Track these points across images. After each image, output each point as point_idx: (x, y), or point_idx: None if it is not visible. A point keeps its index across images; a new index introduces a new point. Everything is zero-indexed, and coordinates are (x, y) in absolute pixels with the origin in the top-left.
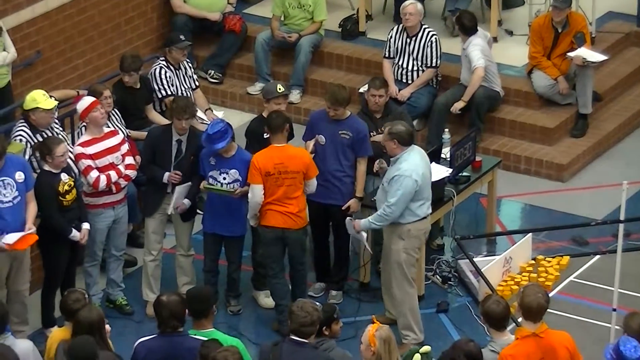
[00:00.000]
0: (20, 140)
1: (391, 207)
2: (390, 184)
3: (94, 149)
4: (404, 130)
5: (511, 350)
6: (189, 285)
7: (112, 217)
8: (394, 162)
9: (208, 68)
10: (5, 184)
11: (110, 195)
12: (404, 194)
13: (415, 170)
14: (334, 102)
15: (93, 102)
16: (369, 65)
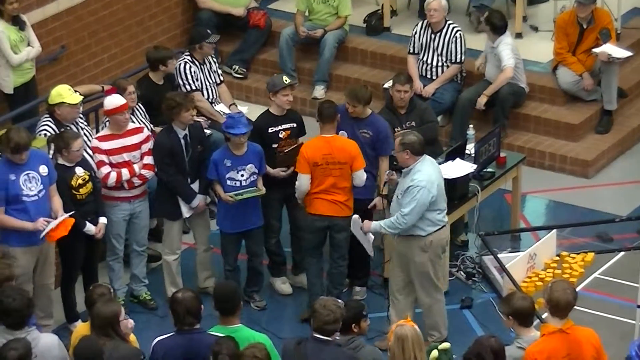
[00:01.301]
0: (45, 135)
1: (405, 217)
2: (404, 194)
3: (110, 145)
4: (416, 141)
5: (538, 346)
6: (211, 278)
7: (128, 210)
8: (407, 173)
9: (232, 63)
10: (30, 177)
11: (125, 190)
12: (418, 204)
13: (430, 180)
14: (353, 98)
15: (122, 106)
16: (394, 61)
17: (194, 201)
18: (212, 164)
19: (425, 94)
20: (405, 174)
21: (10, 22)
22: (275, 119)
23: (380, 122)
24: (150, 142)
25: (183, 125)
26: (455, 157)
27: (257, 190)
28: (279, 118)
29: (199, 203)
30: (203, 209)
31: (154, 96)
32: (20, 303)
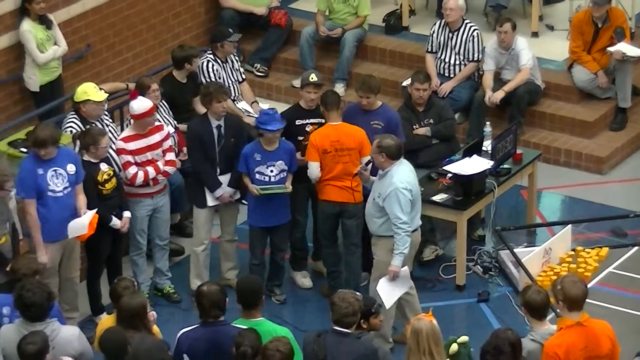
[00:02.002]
0: (71, 131)
1: (404, 222)
2: (387, 200)
3: (135, 145)
4: (393, 144)
5: (556, 340)
6: (234, 270)
7: (151, 205)
8: (384, 176)
9: (254, 62)
10: (57, 174)
11: (149, 187)
12: (405, 205)
13: (408, 181)
14: (365, 89)
15: (151, 109)
16: (412, 60)
17: (217, 191)
18: (242, 157)
19: (443, 92)
20: (382, 177)
21: (37, 21)
22: (303, 113)
23: (390, 112)
24: (170, 139)
25: (216, 115)
26: (472, 154)
27: (284, 188)
28: (307, 112)
29: (223, 194)
30: (227, 200)
31: (177, 94)
32: (40, 297)
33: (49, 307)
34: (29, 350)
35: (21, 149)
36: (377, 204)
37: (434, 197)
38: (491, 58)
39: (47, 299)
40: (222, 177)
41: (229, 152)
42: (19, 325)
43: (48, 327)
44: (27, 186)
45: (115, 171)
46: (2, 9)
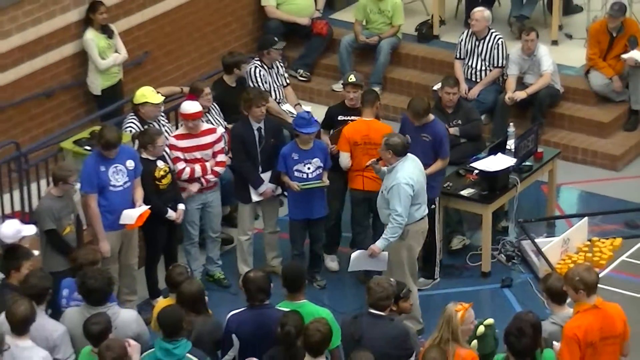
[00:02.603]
0: (130, 131)
1: (400, 215)
2: (390, 193)
3: (185, 143)
4: (399, 142)
5: (575, 322)
6: (277, 258)
7: (201, 200)
8: (390, 171)
9: (297, 67)
10: (118, 170)
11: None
12: (405, 199)
13: (410, 177)
14: (414, 114)
15: (194, 114)
16: (442, 66)
17: (261, 187)
18: (281, 157)
19: (470, 95)
20: (389, 172)
21: (99, 30)
22: (346, 110)
23: (438, 127)
24: (222, 141)
25: (256, 118)
26: (497, 152)
27: (321, 182)
28: (350, 110)
29: (266, 190)
30: (269, 195)
31: (227, 97)
32: (100, 283)
33: (109, 292)
34: (94, 330)
35: (85, 147)
36: (384, 198)
37: (462, 192)
38: (515, 64)
39: (107, 285)
40: (263, 174)
41: (269, 151)
42: (82, 309)
43: (109, 310)
44: (90, 182)
45: (171, 167)
46: (68, 20)
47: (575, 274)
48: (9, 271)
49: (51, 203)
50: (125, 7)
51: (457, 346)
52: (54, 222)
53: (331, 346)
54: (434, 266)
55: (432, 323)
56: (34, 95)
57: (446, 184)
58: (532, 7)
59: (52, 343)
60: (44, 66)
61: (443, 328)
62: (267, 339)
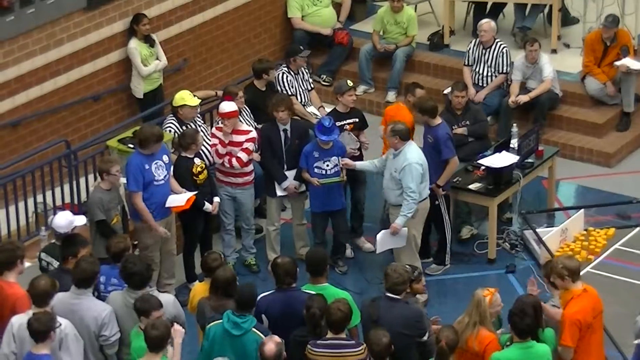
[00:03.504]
0: (170, 130)
1: (414, 191)
2: (402, 173)
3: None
4: (404, 129)
5: (573, 308)
6: (305, 247)
7: (230, 193)
8: (397, 155)
9: (321, 73)
10: (159, 165)
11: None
12: (417, 177)
13: (419, 156)
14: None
15: (229, 113)
16: (452, 72)
17: (284, 183)
18: (303, 155)
19: (478, 98)
20: (396, 155)
21: (142, 40)
22: (340, 116)
23: (439, 131)
24: (252, 142)
25: (280, 121)
26: (501, 150)
27: (340, 178)
28: (344, 115)
29: (289, 186)
30: (292, 191)
31: (258, 100)
32: (139, 267)
33: (148, 277)
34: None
35: (128, 145)
36: (394, 178)
37: (470, 186)
38: (519, 70)
39: (146, 269)
40: (289, 172)
41: (294, 151)
42: (124, 293)
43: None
44: (136, 181)
45: (207, 164)
46: (114, 30)
47: (559, 263)
48: (65, 257)
49: (101, 195)
50: (165, 19)
51: (481, 328)
52: (103, 213)
53: (350, 325)
54: (444, 254)
55: (442, 304)
56: (83, 98)
57: (456, 178)
58: (533, 19)
59: (101, 322)
60: (92, 72)
61: (473, 312)
62: (294, 318)
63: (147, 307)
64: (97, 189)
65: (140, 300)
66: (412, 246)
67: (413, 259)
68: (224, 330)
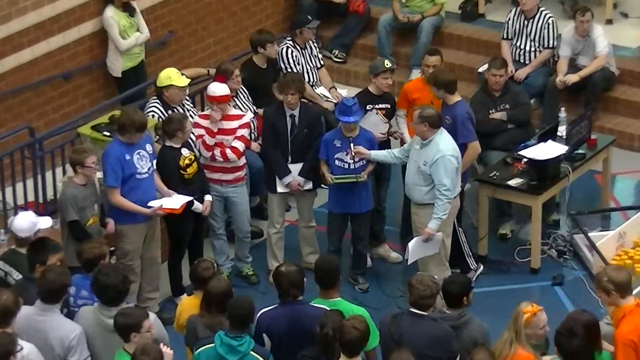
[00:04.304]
0: (153, 116)
1: (448, 189)
2: (433, 167)
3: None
4: (434, 114)
5: (626, 327)
6: (313, 254)
7: (221, 193)
8: (427, 144)
9: (332, 48)
10: (141, 156)
11: (219, 173)
12: (452, 171)
13: (453, 147)
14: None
15: (224, 97)
16: (488, 46)
17: (285, 178)
18: (323, 144)
19: (518, 77)
20: (424, 146)
21: (121, 8)
22: (372, 98)
23: (458, 110)
24: (247, 129)
25: (288, 105)
26: (547, 139)
27: (357, 177)
28: (377, 98)
29: (291, 182)
30: (295, 189)
31: (257, 79)
32: (115, 279)
33: (124, 290)
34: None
35: (104, 132)
36: (423, 172)
37: (509, 182)
38: (567, 45)
39: (122, 282)
40: (293, 165)
41: (302, 141)
42: (96, 309)
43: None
44: (115, 174)
45: (196, 155)
46: None
47: (603, 275)
48: (33, 265)
49: (74, 192)
50: None
51: (518, 347)
52: (77, 212)
53: (368, 347)
54: (465, 258)
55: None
56: (51, 77)
57: (493, 173)
58: None
59: (68, 344)
60: (61, 46)
61: (511, 327)
62: (301, 337)
63: (133, 322)
64: (70, 184)
65: (122, 315)
66: (440, 254)
67: (441, 268)
68: (216, 356)
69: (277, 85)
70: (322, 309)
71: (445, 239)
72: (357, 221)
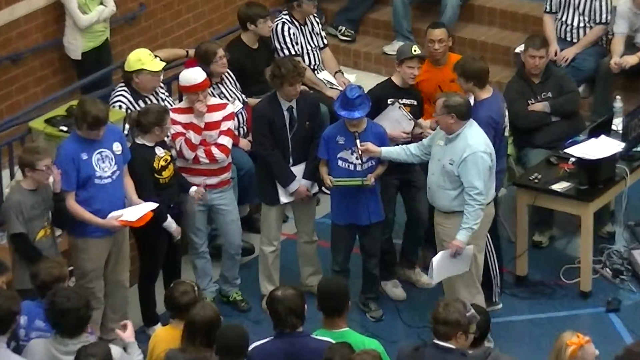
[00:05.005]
0: (120, 107)
1: (480, 193)
2: (462, 166)
3: (186, 118)
4: (463, 102)
5: None
6: (315, 275)
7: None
8: (454, 139)
9: (338, 24)
10: (104, 156)
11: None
12: (484, 171)
13: (487, 143)
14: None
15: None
16: (527, 21)
17: (292, 185)
18: (323, 141)
19: (564, 59)
20: (451, 141)
21: None
22: (396, 91)
23: (482, 110)
24: (232, 120)
25: (287, 97)
26: (599, 134)
27: (362, 180)
28: (401, 91)
29: (299, 188)
30: (303, 195)
31: (246, 62)
32: (75, 304)
33: (86, 317)
34: None
35: (61, 127)
36: (449, 173)
37: (554, 186)
38: (624, 19)
39: (84, 308)
40: (295, 167)
41: (303, 138)
42: (51, 342)
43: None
44: (67, 175)
45: (173, 156)
46: None
47: None
48: None
49: (21, 198)
50: None
51: None
52: (23, 223)
53: None
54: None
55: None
56: None
57: (533, 175)
58: None
59: None
60: (8, 22)
61: None
62: None
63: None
64: (17, 190)
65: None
66: (471, 272)
67: (473, 290)
68: None
69: (273, 76)
70: (327, 341)
71: (477, 254)
72: (366, 234)
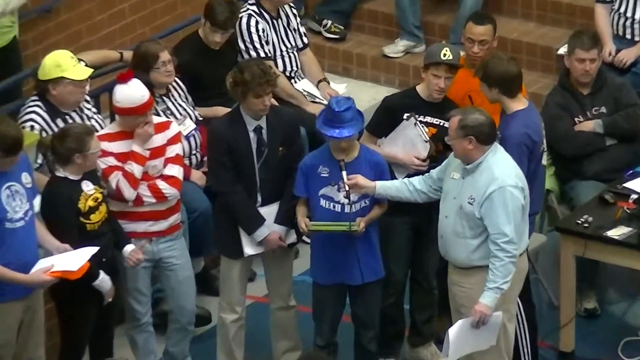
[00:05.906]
0: (32, 127)
1: (511, 240)
2: (486, 206)
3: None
4: (485, 123)
5: None
6: (293, 352)
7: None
8: (474, 170)
9: (323, 17)
10: (13, 192)
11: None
12: (515, 212)
13: (516, 173)
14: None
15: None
16: (572, 13)
17: (259, 231)
18: (300, 174)
19: (622, 63)
20: (470, 172)
21: None
22: (419, 104)
23: (514, 126)
24: (179, 144)
25: (253, 112)
26: None
27: (352, 225)
28: (426, 105)
29: (270, 236)
30: (275, 245)
31: (203, 66)
32: None
33: None
34: None
35: None
36: (468, 215)
37: (610, 232)
38: None
39: None
40: (264, 209)
41: (275, 169)
42: None
43: None
44: None
45: (105, 194)
46: None
47: None
48: None
49: None
50: None
51: None
52: None
53: None
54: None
55: None
56: None
57: (583, 217)
58: None
59: None
60: None
61: None
62: None
63: None
64: None
65: None
66: (499, 347)
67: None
68: None
69: (234, 84)
70: None
71: (507, 322)
72: (359, 298)
